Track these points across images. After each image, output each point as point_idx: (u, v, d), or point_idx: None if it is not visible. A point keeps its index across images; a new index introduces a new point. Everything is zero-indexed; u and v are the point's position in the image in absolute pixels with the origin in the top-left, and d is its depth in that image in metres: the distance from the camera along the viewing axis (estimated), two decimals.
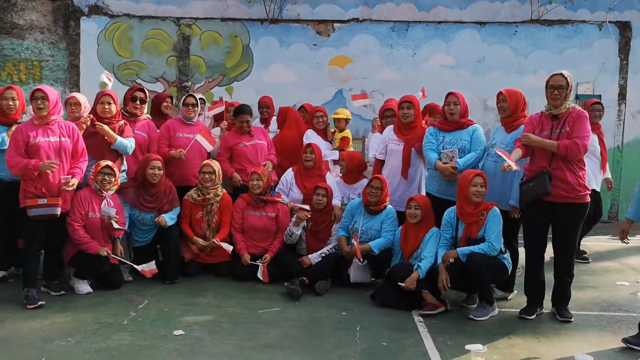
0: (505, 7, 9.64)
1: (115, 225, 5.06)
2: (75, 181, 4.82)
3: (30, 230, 4.76)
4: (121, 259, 5.21)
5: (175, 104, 9.41)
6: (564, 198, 4.42)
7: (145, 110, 5.90)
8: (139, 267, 5.20)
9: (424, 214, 4.92)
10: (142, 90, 5.81)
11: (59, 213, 4.74)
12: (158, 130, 5.92)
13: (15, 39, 9.74)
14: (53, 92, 4.82)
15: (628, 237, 4.53)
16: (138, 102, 5.71)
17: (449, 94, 5.18)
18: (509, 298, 5.10)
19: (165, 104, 6.29)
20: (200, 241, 5.55)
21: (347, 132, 6.79)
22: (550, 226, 4.64)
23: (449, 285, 4.63)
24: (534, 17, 9.60)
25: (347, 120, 6.81)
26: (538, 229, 4.65)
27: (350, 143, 6.71)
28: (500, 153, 4.50)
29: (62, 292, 5.00)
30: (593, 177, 6.21)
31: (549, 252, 4.73)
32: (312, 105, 7.22)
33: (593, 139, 6.14)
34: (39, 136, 4.74)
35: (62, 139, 4.82)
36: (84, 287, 5.07)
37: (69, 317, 4.46)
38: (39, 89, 4.78)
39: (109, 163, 5.12)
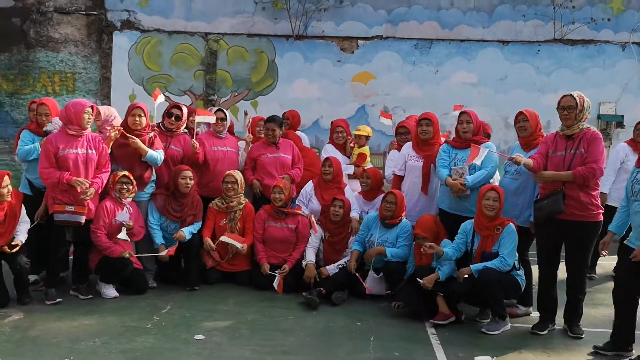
0: (528, 26, 9.74)
1: (121, 235, 5.27)
2: (92, 191, 5.03)
3: (56, 235, 5.03)
4: (143, 256, 5.44)
5: None
6: (577, 216, 4.49)
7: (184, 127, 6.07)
8: (160, 253, 5.46)
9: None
10: (178, 107, 5.97)
11: (83, 221, 5.02)
12: None
13: (50, 51, 10.14)
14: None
15: (606, 250, 4.51)
16: (174, 119, 5.90)
17: (462, 112, 5.33)
18: (531, 313, 5.13)
19: (191, 118, 6.48)
20: (209, 242, 5.72)
21: (366, 149, 6.92)
22: (563, 244, 4.70)
23: (458, 299, 4.74)
24: (557, 37, 9.67)
25: (367, 137, 6.96)
26: (551, 246, 4.71)
27: (368, 159, 6.84)
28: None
29: (90, 296, 5.23)
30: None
31: (562, 269, 4.80)
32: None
33: (629, 158, 6.21)
34: (68, 148, 4.99)
35: (89, 151, 5.09)
36: (110, 291, 5.30)
37: (96, 319, 4.68)
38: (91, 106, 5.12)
39: (126, 172, 5.37)
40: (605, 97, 9.57)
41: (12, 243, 4.83)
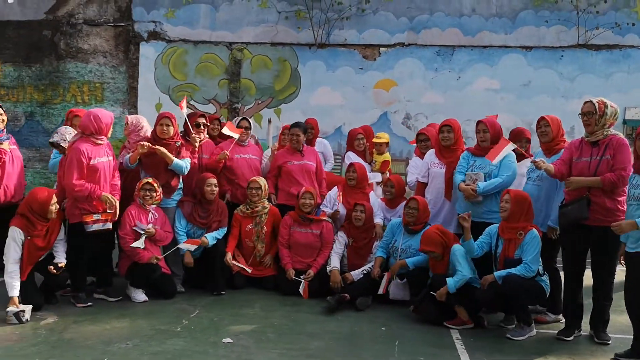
0: (551, 32, 9.70)
1: (138, 244, 5.39)
2: (116, 202, 5.19)
3: (83, 242, 5.17)
4: (168, 253, 5.58)
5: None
6: (602, 222, 4.47)
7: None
8: (181, 246, 5.58)
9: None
10: (203, 116, 6.20)
11: (111, 227, 5.21)
12: None
13: (79, 62, 10.42)
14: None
15: (623, 261, 4.49)
16: (202, 127, 6.10)
17: (479, 122, 5.40)
18: (561, 321, 5.10)
19: (211, 126, 6.60)
20: (230, 257, 5.83)
21: (387, 156, 7.01)
22: (589, 250, 4.70)
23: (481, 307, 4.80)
24: (581, 42, 9.62)
25: (387, 144, 7.03)
26: (577, 252, 4.71)
27: (390, 166, 6.92)
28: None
29: (120, 297, 5.40)
30: None
31: (587, 275, 4.79)
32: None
33: None
34: (97, 157, 5.14)
35: (109, 157, 5.28)
36: (140, 295, 5.43)
37: (127, 322, 4.82)
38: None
39: (150, 180, 5.51)
40: (631, 102, 9.48)
41: (58, 265, 5.02)
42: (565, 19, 9.60)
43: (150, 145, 5.52)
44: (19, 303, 4.81)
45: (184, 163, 5.70)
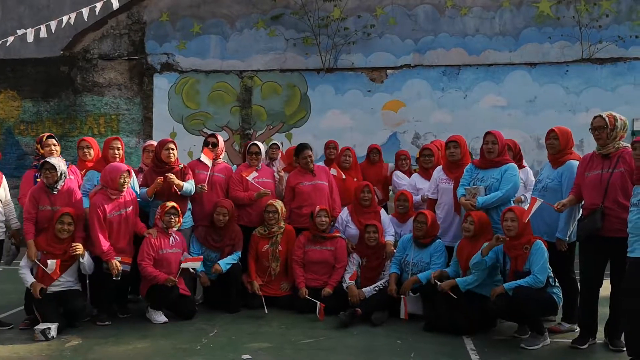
0: (555, 47, 9.84)
1: (193, 269, 5.73)
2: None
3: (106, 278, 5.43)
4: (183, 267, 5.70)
5: (238, 150, 10.11)
6: (618, 232, 4.47)
7: (222, 156, 6.46)
8: (183, 265, 5.68)
9: (478, 229, 5.11)
10: (214, 136, 6.39)
11: (129, 269, 5.46)
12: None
13: (95, 95, 10.77)
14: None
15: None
16: (211, 146, 6.25)
17: (487, 133, 5.43)
18: (575, 329, 5.10)
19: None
20: (257, 285, 5.98)
21: None
22: (608, 261, 4.73)
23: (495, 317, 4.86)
24: (585, 56, 9.74)
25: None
26: (595, 263, 4.74)
27: None
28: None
29: (128, 314, 5.66)
30: None
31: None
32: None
33: None
34: (113, 211, 5.42)
35: (128, 209, 5.54)
36: (159, 317, 5.56)
37: (149, 342, 4.95)
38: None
39: (174, 204, 5.68)
40: (638, 113, 9.53)
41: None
42: (568, 34, 9.75)
43: (167, 177, 5.67)
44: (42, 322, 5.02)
45: (190, 185, 5.89)
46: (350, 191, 6.54)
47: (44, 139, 5.89)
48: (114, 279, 5.32)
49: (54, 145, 5.85)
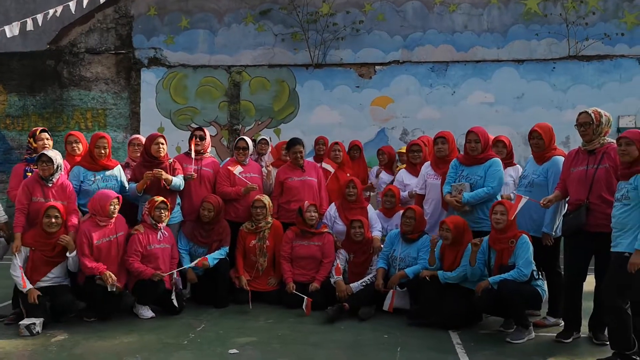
0: (542, 44, 9.89)
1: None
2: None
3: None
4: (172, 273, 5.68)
5: (227, 145, 10.10)
6: (603, 227, 4.49)
7: (209, 150, 6.46)
8: (186, 266, 5.74)
9: (456, 234, 5.15)
10: (200, 129, 6.37)
11: (115, 289, 5.28)
12: None
13: (82, 90, 10.69)
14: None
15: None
16: (198, 139, 6.21)
17: (469, 132, 5.45)
18: (560, 324, 5.15)
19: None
20: (244, 281, 5.97)
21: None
22: (592, 256, 4.76)
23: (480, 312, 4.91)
24: (572, 54, 9.80)
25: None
26: (579, 258, 4.78)
27: None
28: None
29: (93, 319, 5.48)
30: None
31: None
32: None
33: None
34: (101, 238, 5.34)
35: (118, 234, 5.50)
36: (147, 312, 5.55)
37: (136, 337, 4.93)
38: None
39: (163, 199, 5.66)
40: (624, 111, 9.60)
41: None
42: (555, 31, 9.80)
43: (154, 172, 5.66)
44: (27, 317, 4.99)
45: (179, 179, 5.88)
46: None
47: (37, 133, 5.85)
48: (109, 290, 5.21)
49: (47, 139, 5.82)
